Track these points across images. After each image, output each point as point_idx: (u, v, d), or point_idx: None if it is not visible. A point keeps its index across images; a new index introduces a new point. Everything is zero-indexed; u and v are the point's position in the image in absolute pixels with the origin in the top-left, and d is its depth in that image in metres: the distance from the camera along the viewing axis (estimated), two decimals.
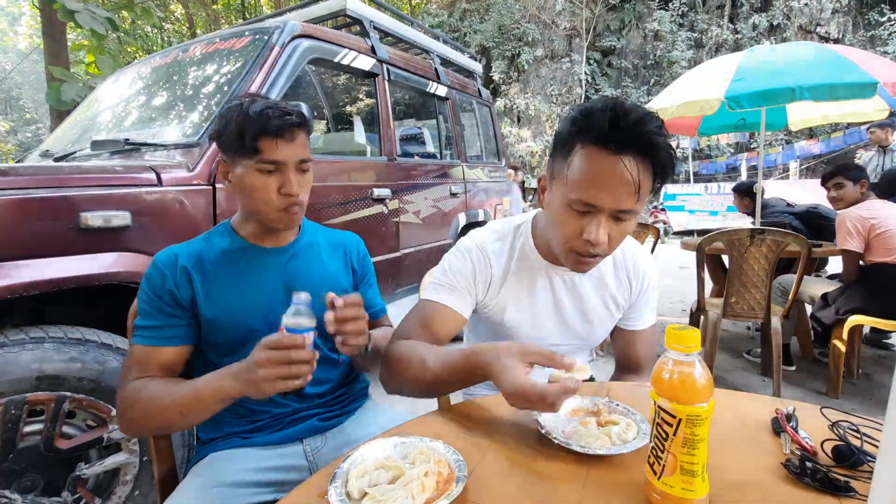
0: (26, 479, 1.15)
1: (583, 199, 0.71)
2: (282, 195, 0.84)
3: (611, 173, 0.69)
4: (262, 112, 0.80)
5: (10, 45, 18.88)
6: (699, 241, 2.36)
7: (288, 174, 0.84)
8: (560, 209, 0.75)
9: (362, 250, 1.05)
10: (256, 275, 0.89)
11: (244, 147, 0.81)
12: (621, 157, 0.68)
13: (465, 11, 14.22)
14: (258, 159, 0.82)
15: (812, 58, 2.66)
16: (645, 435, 0.61)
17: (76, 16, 3.82)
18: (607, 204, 0.70)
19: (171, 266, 0.83)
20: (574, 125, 0.72)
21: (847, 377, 2.46)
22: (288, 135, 0.83)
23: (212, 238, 0.91)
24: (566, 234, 0.76)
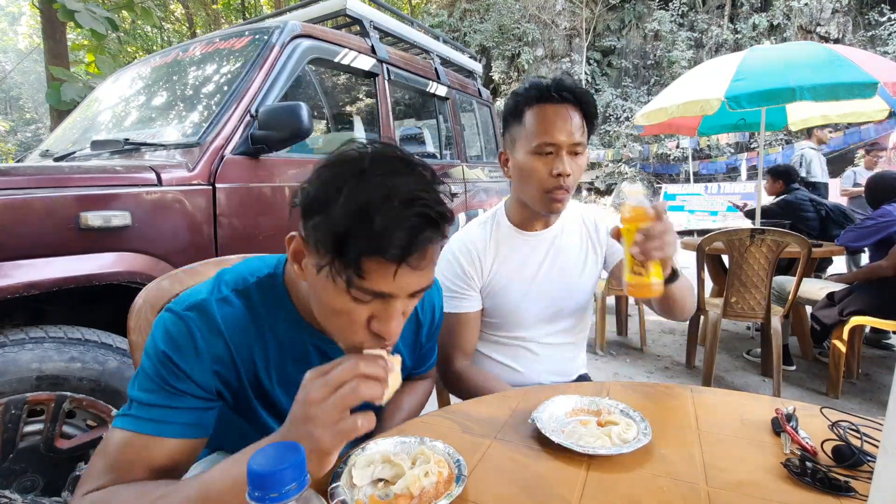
0: (26, 479, 1.15)
1: (545, 141, 0.91)
2: (371, 333, 0.54)
3: (556, 115, 0.91)
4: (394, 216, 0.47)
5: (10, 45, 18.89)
6: (699, 241, 2.36)
7: (392, 309, 0.53)
8: (527, 160, 0.94)
9: (438, 313, 0.84)
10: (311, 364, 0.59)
11: (341, 256, 0.49)
12: (561, 103, 0.91)
13: (465, 11, 14.21)
14: (356, 285, 0.50)
15: (812, 58, 2.66)
16: (645, 435, 0.61)
17: (76, 16, 3.81)
18: (563, 139, 0.91)
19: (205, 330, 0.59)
20: (518, 97, 0.95)
21: (847, 377, 2.46)
22: (417, 259, 0.50)
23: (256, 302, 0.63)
24: (539, 178, 0.93)
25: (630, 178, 1.85)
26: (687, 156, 11.48)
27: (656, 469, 0.57)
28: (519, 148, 0.96)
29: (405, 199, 0.48)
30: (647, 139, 12.03)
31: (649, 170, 13.07)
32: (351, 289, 0.50)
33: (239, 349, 0.61)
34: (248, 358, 0.63)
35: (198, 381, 0.58)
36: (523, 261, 1.04)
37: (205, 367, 0.58)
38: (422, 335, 0.81)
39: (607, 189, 13.39)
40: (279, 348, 0.65)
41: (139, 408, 0.55)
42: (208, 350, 0.58)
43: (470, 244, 1.03)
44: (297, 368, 0.65)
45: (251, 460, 0.33)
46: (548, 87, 0.91)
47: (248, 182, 1.63)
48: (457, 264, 1.02)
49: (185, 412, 0.57)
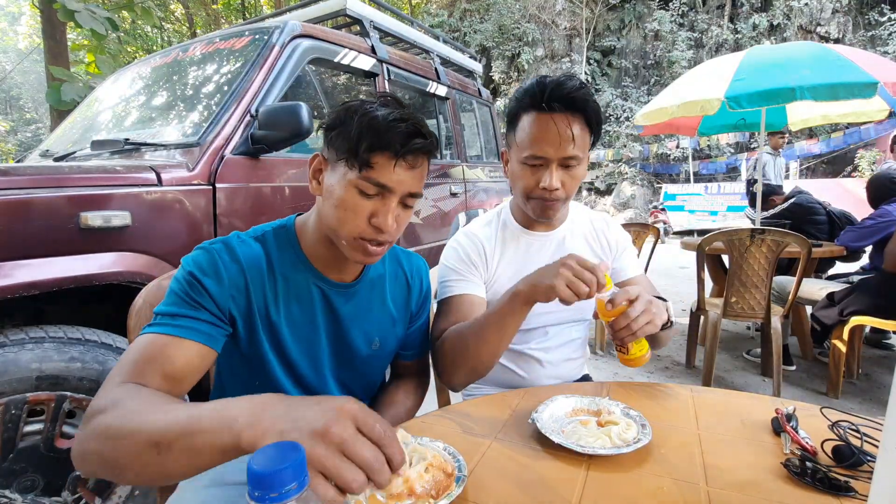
0: (26, 479, 1.15)
1: (533, 154, 0.88)
2: (371, 226, 0.69)
3: (548, 128, 0.86)
4: (393, 122, 0.66)
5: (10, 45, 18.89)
6: (699, 241, 2.36)
7: (390, 204, 0.69)
8: (518, 168, 0.93)
9: (426, 282, 0.93)
10: (313, 307, 0.77)
11: (355, 155, 0.66)
12: (552, 114, 0.86)
13: (465, 11, 14.21)
14: (364, 176, 0.66)
15: (812, 58, 2.66)
16: (645, 435, 0.61)
17: (76, 16, 3.82)
18: (552, 154, 0.87)
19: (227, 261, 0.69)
20: (515, 101, 0.92)
21: (847, 377, 2.46)
22: (411, 160, 0.68)
23: (271, 245, 0.75)
24: (527, 187, 0.92)
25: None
26: (687, 156, 11.49)
27: (656, 469, 0.57)
28: (512, 153, 0.95)
29: (401, 117, 0.67)
30: (647, 139, 12.04)
31: (649, 170, 13.07)
32: (361, 178, 0.66)
33: (254, 281, 0.71)
34: (261, 291, 0.72)
35: (217, 299, 0.67)
36: (529, 260, 1.02)
37: (224, 289, 0.68)
38: (412, 301, 0.89)
39: (607, 189, 13.40)
40: (287, 287, 0.74)
41: (163, 318, 0.64)
42: (228, 276, 0.69)
43: (476, 239, 1.02)
44: (301, 306, 0.75)
45: (251, 460, 0.33)
46: (541, 93, 0.86)
47: (248, 182, 1.63)
48: (462, 251, 1.00)
49: (202, 323, 0.65)
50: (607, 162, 12.84)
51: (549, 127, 0.86)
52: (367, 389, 0.91)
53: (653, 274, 4.53)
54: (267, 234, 0.76)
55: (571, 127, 0.86)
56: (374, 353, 0.84)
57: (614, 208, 12.52)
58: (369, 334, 0.82)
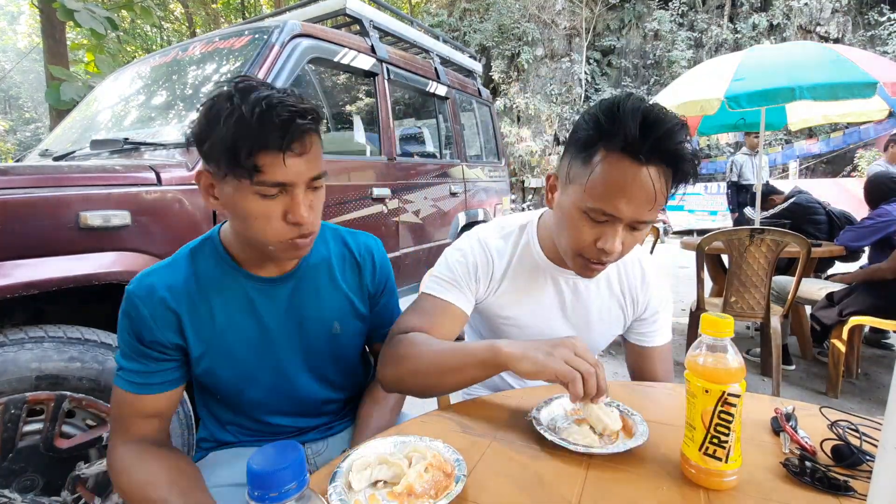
0: (26, 479, 1.15)
1: (603, 209, 0.69)
2: (290, 224, 0.65)
3: (634, 184, 0.66)
4: (263, 114, 0.59)
5: (9, 45, 18.87)
6: (699, 241, 2.36)
7: (297, 197, 0.64)
8: (574, 214, 0.72)
9: (378, 257, 0.88)
10: (256, 311, 0.75)
11: (238, 164, 0.61)
12: (648, 167, 0.66)
13: (465, 11, 14.21)
14: (257, 180, 0.61)
15: (812, 58, 2.66)
16: (643, 435, 0.61)
17: (76, 15, 3.81)
18: (627, 215, 0.68)
19: (149, 303, 0.68)
20: (597, 127, 0.68)
21: (847, 377, 2.46)
22: (298, 146, 0.62)
23: (197, 260, 0.73)
24: (578, 241, 0.73)
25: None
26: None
27: (656, 469, 0.57)
28: (572, 191, 0.73)
29: (271, 104, 0.60)
30: None
31: None
32: (255, 185, 0.62)
33: (184, 311, 0.71)
34: (194, 315, 0.71)
35: (159, 340, 0.69)
36: (542, 298, 0.89)
37: (161, 330, 0.69)
38: (366, 278, 0.86)
39: None
40: (223, 300, 0.73)
41: (124, 372, 0.69)
42: (158, 318, 0.69)
43: (489, 253, 0.88)
44: (243, 316, 0.75)
45: (250, 460, 0.33)
46: (642, 139, 0.64)
47: None
48: (472, 262, 0.87)
49: (158, 374, 0.70)
50: None
51: (637, 183, 0.66)
52: (344, 372, 0.88)
53: None
54: (194, 249, 0.75)
55: (663, 187, 0.68)
56: (337, 337, 0.82)
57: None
58: (326, 319, 0.80)
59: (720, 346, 0.53)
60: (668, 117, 0.66)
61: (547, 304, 0.90)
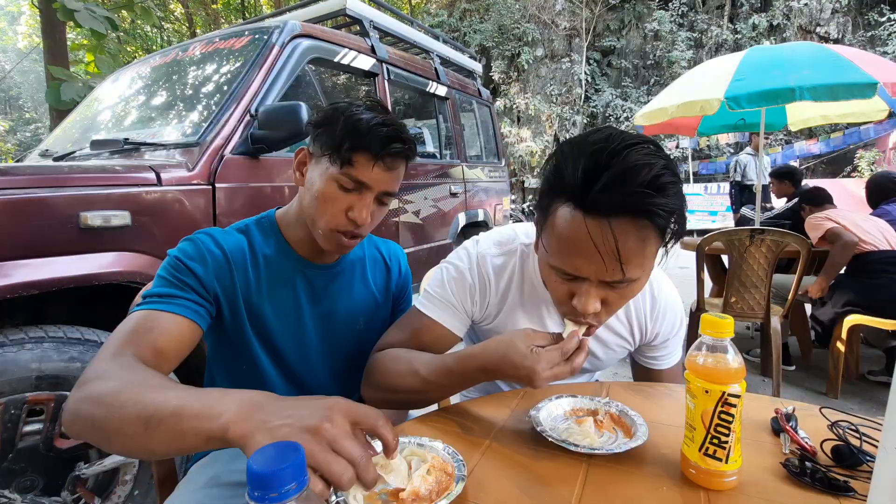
0: (26, 479, 1.15)
1: (563, 269, 0.61)
2: (348, 218, 0.75)
3: (588, 241, 0.56)
4: (375, 126, 0.72)
5: (9, 45, 18.88)
6: (699, 241, 2.36)
7: (366, 199, 0.75)
8: (547, 271, 0.66)
9: (404, 266, 0.98)
10: (296, 294, 0.82)
11: (338, 152, 0.73)
12: (600, 220, 0.55)
13: (465, 11, 14.21)
14: (344, 171, 0.73)
15: (812, 58, 2.66)
16: (643, 435, 0.61)
17: (76, 15, 3.81)
18: (590, 274, 0.59)
19: (217, 247, 0.76)
20: (547, 181, 0.61)
21: (846, 377, 2.46)
22: (389, 161, 0.75)
23: (252, 233, 0.82)
24: (557, 298, 0.67)
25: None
26: (687, 156, 11.47)
27: (656, 469, 0.57)
28: (541, 245, 0.66)
29: (384, 122, 0.73)
30: None
31: None
32: (341, 174, 0.73)
33: (237, 266, 0.77)
34: (244, 275, 0.78)
35: (202, 279, 0.73)
36: (544, 322, 0.84)
37: (209, 272, 0.74)
38: (391, 283, 0.95)
39: None
40: (269, 271, 0.80)
41: (151, 298, 0.68)
42: (212, 260, 0.75)
43: (488, 271, 0.82)
44: (284, 290, 0.81)
45: (251, 460, 0.33)
46: (584, 189, 0.54)
47: (248, 182, 1.63)
48: (469, 277, 0.82)
49: (189, 301, 0.70)
50: None
51: (593, 241, 0.56)
52: (358, 369, 0.87)
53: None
54: (249, 224, 0.83)
55: (632, 241, 0.55)
56: (360, 333, 0.88)
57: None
58: (353, 314, 0.87)
59: (720, 346, 0.53)
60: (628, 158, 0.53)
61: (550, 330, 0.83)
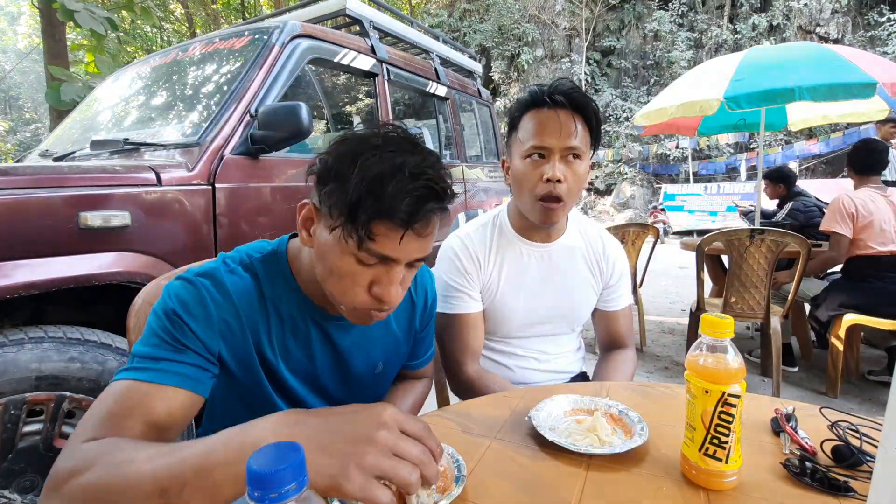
0: (26, 479, 1.15)
1: (535, 145, 0.89)
2: (372, 296, 0.59)
3: (548, 119, 0.88)
4: (402, 183, 0.53)
5: (9, 45, 18.89)
6: (699, 241, 2.36)
7: (394, 274, 0.58)
8: (521, 165, 0.92)
9: (431, 295, 0.85)
10: (310, 347, 0.70)
11: (352, 222, 0.54)
12: (555, 108, 0.88)
13: (465, 11, 14.21)
14: (365, 248, 0.55)
15: (812, 58, 2.66)
16: (643, 435, 0.61)
17: (76, 15, 3.81)
18: (553, 144, 0.88)
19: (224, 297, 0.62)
20: (515, 109, 0.95)
21: (846, 377, 2.46)
22: (421, 227, 0.56)
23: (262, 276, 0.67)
24: (530, 183, 0.91)
25: None
26: (687, 156, 11.48)
27: (656, 469, 0.57)
28: (514, 154, 0.95)
29: (413, 173, 0.54)
30: (646, 139, 12.04)
31: (649, 170, 13.08)
32: (360, 251, 0.55)
33: (246, 317, 0.63)
34: (254, 327, 0.64)
35: (204, 340, 0.59)
36: (524, 270, 1.01)
37: (213, 329, 0.60)
38: (416, 319, 0.82)
39: (607, 189, 13.40)
40: (280, 322, 0.67)
41: (141, 361, 0.56)
42: (218, 314, 0.61)
43: (469, 244, 1.01)
44: (297, 343, 0.69)
45: (251, 460, 0.33)
46: (541, 91, 0.90)
47: (248, 182, 1.63)
48: (458, 262, 0.99)
49: (187, 366, 0.57)
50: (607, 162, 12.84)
51: (552, 118, 0.88)
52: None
53: (653, 274, 4.54)
54: (255, 262, 0.67)
55: (575, 122, 0.88)
56: (378, 377, 0.80)
57: (614, 208, 12.52)
58: (372, 360, 0.77)
59: (720, 346, 0.53)
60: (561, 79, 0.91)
61: (531, 275, 1.01)
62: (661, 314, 4.04)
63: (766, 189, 3.37)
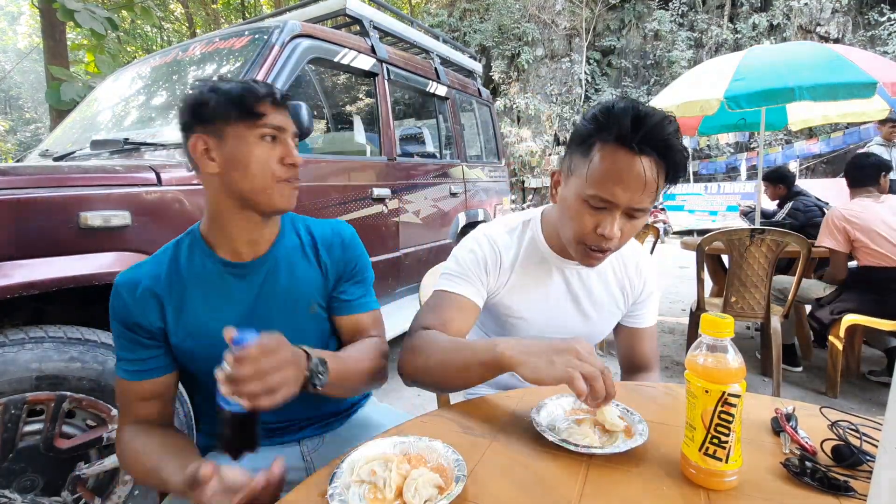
0: (26, 479, 1.15)
1: (600, 195, 0.74)
2: (285, 165, 0.75)
3: (629, 171, 0.72)
4: (255, 81, 0.75)
5: (9, 45, 18.89)
6: (699, 241, 2.36)
7: (288, 143, 0.76)
8: (575, 204, 0.78)
9: (347, 239, 0.90)
10: (232, 295, 0.79)
11: (244, 112, 0.71)
12: (640, 156, 0.72)
13: (465, 11, 14.21)
14: (261, 124, 0.72)
15: (812, 58, 2.66)
16: (642, 435, 0.61)
17: (76, 15, 3.81)
18: (623, 201, 0.74)
19: (132, 293, 0.75)
20: (595, 123, 0.75)
21: (847, 377, 2.46)
22: (282, 103, 0.76)
23: (178, 252, 0.80)
24: (580, 229, 0.79)
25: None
26: (687, 156, 11.47)
27: (656, 469, 0.57)
28: (572, 183, 0.80)
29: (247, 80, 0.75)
30: None
31: None
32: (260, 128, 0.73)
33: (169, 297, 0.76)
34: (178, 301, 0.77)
35: (143, 325, 0.75)
36: (551, 288, 0.94)
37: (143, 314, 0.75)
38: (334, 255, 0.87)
39: None
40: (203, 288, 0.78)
41: (121, 362, 0.76)
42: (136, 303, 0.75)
43: (495, 244, 0.92)
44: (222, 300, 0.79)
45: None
46: (634, 130, 0.71)
47: None
48: (480, 251, 0.91)
49: (150, 360, 0.76)
50: None
51: (632, 171, 0.72)
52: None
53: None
54: (176, 242, 0.82)
55: (658, 176, 0.73)
56: (317, 317, 0.85)
57: None
58: (302, 299, 0.83)
59: (720, 346, 0.53)
60: (658, 113, 0.73)
61: (554, 295, 0.94)
62: (662, 314, 4.05)
63: (767, 191, 3.36)
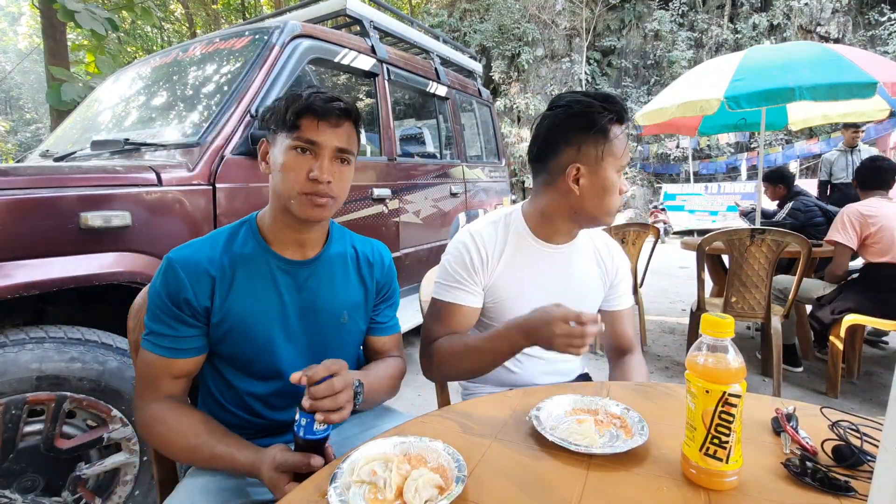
0: (26, 479, 1.15)
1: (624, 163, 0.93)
2: (310, 180, 0.78)
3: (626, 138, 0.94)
4: (314, 94, 0.79)
5: (9, 45, 18.90)
6: (699, 241, 2.36)
7: (322, 159, 0.79)
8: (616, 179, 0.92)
9: (387, 263, 0.99)
10: (277, 286, 0.84)
11: (284, 122, 0.78)
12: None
13: (465, 11, 14.21)
14: (296, 136, 0.78)
15: (812, 58, 2.66)
16: (643, 435, 0.62)
17: (76, 16, 3.81)
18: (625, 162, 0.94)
19: (193, 272, 0.77)
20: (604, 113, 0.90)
21: (847, 377, 2.45)
22: (333, 119, 0.79)
23: (235, 239, 0.84)
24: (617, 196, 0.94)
25: None
26: (687, 156, 11.47)
27: (656, 469, 0.57)
28: (606, 166, 0.91)
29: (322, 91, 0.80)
30: (647, 139, 12.03)
31: (649, 169, 13.07)
32: (292, 139, 0.78)
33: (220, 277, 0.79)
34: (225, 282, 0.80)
35: (192, 302, 0.76)
36: (540, 271, 1.00)
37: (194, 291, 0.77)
38: (375, 274, 0.96)
39: None
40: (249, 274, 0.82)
41: (155, 336, 0.76)
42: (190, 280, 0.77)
43: (479, 240, 0.99)
44: (265, 288, 0.83)
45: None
46: (622, 107, 0.92)
47: (248, 182, 1.63)
48: (466, 253, 0.97)
49: (187, 339, 0.77)
50: None
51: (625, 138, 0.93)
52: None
53: (653, 274, 4.54)
54: (232, 229, 0.85)
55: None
56: (344, 326, 0.90)
57: None
58: (336, 307, 0.89)
59: (721, 346, 0.53)
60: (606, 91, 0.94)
61: (543, 279, 1.00)
62: (662, 314, 4.04)
63: (767, 191, 3.36)
